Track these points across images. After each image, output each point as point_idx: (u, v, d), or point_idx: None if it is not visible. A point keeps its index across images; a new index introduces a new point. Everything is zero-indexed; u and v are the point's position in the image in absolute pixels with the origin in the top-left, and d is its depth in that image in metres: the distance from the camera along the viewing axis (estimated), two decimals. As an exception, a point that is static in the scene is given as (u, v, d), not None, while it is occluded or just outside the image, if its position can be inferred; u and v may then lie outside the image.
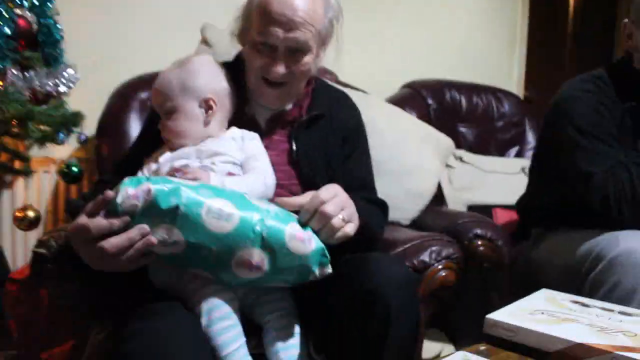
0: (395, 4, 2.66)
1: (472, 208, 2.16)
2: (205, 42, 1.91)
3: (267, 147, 1.25)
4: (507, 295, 1.61)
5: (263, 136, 1.29)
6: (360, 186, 1.37)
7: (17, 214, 1.72)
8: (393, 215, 1.73)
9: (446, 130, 2.25)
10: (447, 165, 2.21)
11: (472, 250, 1.60)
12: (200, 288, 1.06)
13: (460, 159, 2.28)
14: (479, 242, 1.61)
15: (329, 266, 1.05)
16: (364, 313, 1.06)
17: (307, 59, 1.26)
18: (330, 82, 1.56)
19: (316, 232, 1.05)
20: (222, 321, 1.04)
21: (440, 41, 2.80)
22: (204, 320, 1.03)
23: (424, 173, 1.86)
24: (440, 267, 1.40)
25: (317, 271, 1.04)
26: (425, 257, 1.40)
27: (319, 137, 1.34)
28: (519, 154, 2.52)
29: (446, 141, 2.05)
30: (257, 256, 1.00)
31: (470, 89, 2.54)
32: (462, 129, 2.46)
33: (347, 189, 1.28)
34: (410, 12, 2.71)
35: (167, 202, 0.96)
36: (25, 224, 1.70)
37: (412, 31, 2.72)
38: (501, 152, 2.51)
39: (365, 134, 1.46)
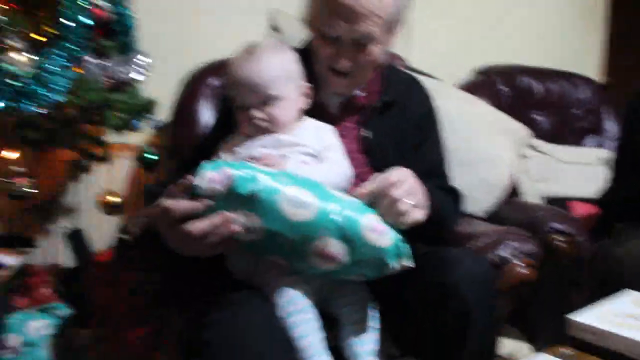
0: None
1: (547, 200, 2.08)
2: (273, 28, 1.90)
3: (338, 134, 1.23)
4: (586, 292, 1.55)
5: (333, 123, 1.28)
6: (433, 173, 1.34)
7: (102, 199, 1.76)
8: (468, 206, 1.69)
9: (519, 118, 2.17)
10: (523, 156, 2.13)
11: (550, 246, 1.54)
12: (278, 279, 1.06)
13: (535, 148, 2.20)
14: (558, 237, 1.55)
15: (408, 259, 1.03)
16: (441, 308, 1.04)
17: (374, 49, 1.23)
18: (400, 68, 1.52)
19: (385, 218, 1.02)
20: (299, 314, 1.03)
21: (514, 23, 2.67)
22: (281, 312, 1.03)
23: (498, 163, 1.80)
24: (519, 263, 1.35)
25: (394, 264, 1.02)
26: (503, 252, 1.36)
27: (390, 124, 1.32)
28: (597, 144, 2.40)
29: (522, 130, 1.97)
30: (334, 246, 0.99)
31: (545, 74, 2.43)
32: (536, 117, 2.36)
33: (419, 176, 1.26)
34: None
35: (245, 188, 0.97)
36: (108, 208, 1.75)
37: (485, 13, 2.61)
38: (577, 141, 2.39)
39: (437, 120, 1.43)
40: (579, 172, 2.18)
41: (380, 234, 1.00)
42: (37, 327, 1.53)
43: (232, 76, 1.16)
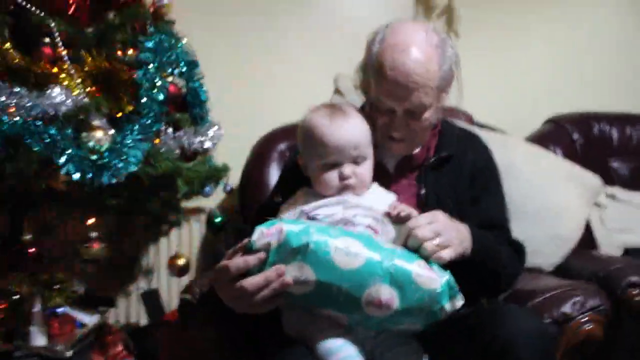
0: (532, 35, 2.55)
1: (629, 252, 1.96)
2: (338, 91, 1.98)
3: (396, 192, 1.25)
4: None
5: (392, 181, 1.31)
6: (492, 226, 1.33)
7: (170, 261, 1.87)
8: (534, 260, 1.64)
9: (596, 166, 2.09)
10: (598, 205, 2.03)
11: (626, 301, 1.45)
12: (330, 336, 1.08)
13: (613, 197, 2.09)
14: (635, 292, 1.45)
15: (460, 297, 1.05)
16: None
17: (427, 115, 1.25)
18: (458, 122, 1.53)
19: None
20: None
21: (584, 68, 2.61)
22: None
23: (567, 215, 1.74)
24: (584, 319, 1.28)
25: (447, 306, 1.03)
26: (566, 308, 1.29)
27: (447, 179, 1.33)
28: (684, 189, 2.25)
29: (592, 179, 1.90)
30: (387, 292, 1.01)
31: (622, 120, 2.34)
32: (615, 164, 2.27)
33: (479, 228, 1.25)
34: (548, 40, 2.56)
35: (298, 241, 1.02)
36: (176, 270, 1.85)
37: (552, 60, 2.57)
38: (662, 187, 2.26)
39: (496, 173, 1.42)
40: (665, 220, 2.05)
41: (430, 278, 1.02)
42: (111, 383, 1.63)
43: (318, 137, 1.16)
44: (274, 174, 1.91)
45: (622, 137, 2.31)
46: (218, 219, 1.86)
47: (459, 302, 1.05)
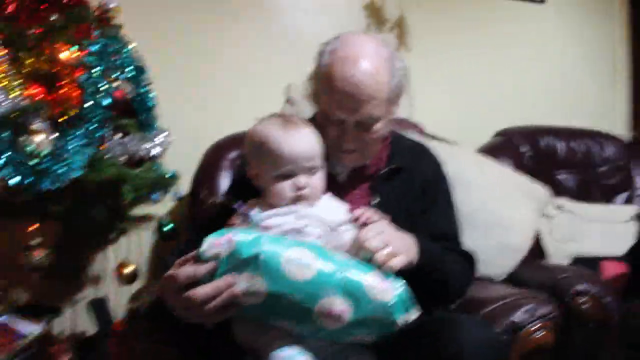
0: (483, 49, 2.60)
1: (577, 260, 2.00)
2: (289, 101, 1.96)
3: (347, 201, 1.24)
4: (619, 356, 1.47)
5: (343, 192, 1.30)
6: (442, 238, 1.34)
7: (118, 269, 1.81)
8: (485, 270, 1.65)
9: (543, 178, 2.14)
10: (546, 215, 2.08)
11: (575, 309, 1.47)
12: (280, 347, 1.04)
13: (561, 208, 2.14)
14: (583, 300, 1.48)
15: (414, 310, 1.04)
16: None
17: (378, 126, 1.26)
18: (409, 133, 1.54)
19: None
20: None
21: (533, 84, 2.69)
22: None
23: (517, 225, 1.76)
24: (534, 327, 1.30)
25: (401, 318, 1.02)
26: (517, 317, 1.30)
27: (399, 190, 1.34)
28: (629, 200, 2.33)
29: (541, 190, 1.94)
30: (339, 304, 1.00)
31: (568, 134, 2.41)
32: (561, 176, 2.33)
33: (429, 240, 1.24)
34: (500, 55, 2.63)
35: (248, 251, 0.99)
36: (124, 278, 1.79)
37: (503, 76, 2.64)
38: (607, 198, 2.34)
39: (447, 185, 1.43)
40: (609, 230, 2.11)
41: (384, 290, 1.01)
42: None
43: (273, 148, 1.14)
44: (224, 182, 1.88)
45: (567, 150, 2.38)
46: (168, 227, 1.81)
47: (413, 314, 1.04)
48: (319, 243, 1.08)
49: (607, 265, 2.00)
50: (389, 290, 1.01)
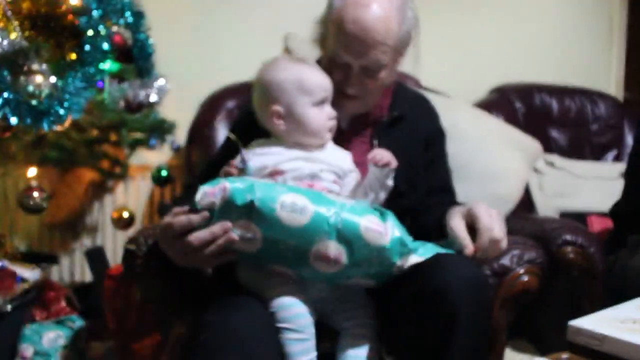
0: (483, 4, 2.59)
1: (565, 215, 2.05)
2: (287, 50, 1.96)
3: (348, 148, 1.26)
4: (602, 305, 1.52)
5: (344, 139, 1.31)
6: (443, 190, 1.39)
7: (114, 214, 1.85)
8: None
9: (536, 135, 2.17)
10: (537, 171, 2.11)
11: (561, 257, 1.51)
12: (279, 289, 1.08)
13: (552, 164, 2.18)
14: (569, 249, 1.52)
15: (415, 255, 1.05)
16: (430, 313, 1.05)
17: (382, 74, 1.27)
18: (409, 86, 1.55)
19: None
20: (295, 333, 1.05)
21: (531, 41, 2.68)
22: (279, 324, 1.05)
23: (508, 177, 1.79)
24: (521, 271, 1.34)
25: (398, 262, 1.03)
26: (505, 260, 1.34)
27: (400, 138, 1.35)
28: (618, 158, 2.37)
29: (533, 144, 1.96)
30: (334, 249, 1.01)
31: (562, 92, 2.42)
32: (554, 134, 2.35)
33: (430, 192, 1.31)
34: (498, 11, 2.62)
35: (242, 198, 1.00)
36: (121, 224, 1.82)
37: (501, 32, 2.63)
38: (597, 156, 2.37)
39: (445, 138, 1.46)
40: (598, 187, 2.15)
41: (380, 233, 1.01)
42: (51, 338, 1.59)
43: (306, 78, 1.17)
44: (222, 132, 1.89)
45: (561, 107, 2.39)
46: (163, 174, 1.83)
47: (413, 259, 1.05)
48: (316, 189, 1.09)
49: (594, 220, 2.05)
50: (384, 234, 1.02)
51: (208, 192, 1.02)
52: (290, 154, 1.16)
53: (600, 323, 1.04)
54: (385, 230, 1.02)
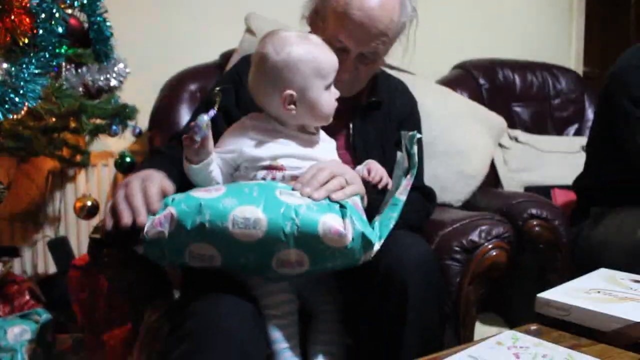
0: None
1: (529, 189, 2.08)
2: (249, 31, 1.92)
3: (325, 131, 1.24)
4: (567, 277, 1.55)
5: None
6: None
7: (77, 203, 1.80)
8: (443, 197, 1.71)
9: (500, 110, 2.18)
10: (502, 146, 2.14)
11: (527, 231, 1.54)
12: (262, 285, 1.08)
13: (516, 139, 2.21)
14: (535, 222, 1.55)
15: (374, 246, 1.03)
16: (382, 292, 1.06)
17: (376, 63, 1.29)
18: (389, 71, 1.55)
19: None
20: (278, 319, 1.06)
21: (492, 19, 2.70)
22: (263, 311, 1.06)
23: (474, 153, 1.81)
24: (490, 246, 1.36)
25: (362, 257, 1.02)
26: (474, 236, 1.36)
27: (375, 123, 1.37)
28: (579, 132, 2.42)
29: (498, 120, 1.98)
30: (295, 255, 0.99)
31: (524, 67, 2.45)
32: (517, 109, 2.38)
33: None
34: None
35: (192, 222, 0.96)
36: (84, 213, 1.78)
37: (462, 10, 2.64)
38: (559, 131, 2.41)
39: (419, 123, 1.47)
40: (561, 160, 2.19)
41: (339, 234, 0.97)
42: (16, 333, 1.54)
43: (320, 60, 1.10)
44: (184, 116, 1.85)
45: (523, 83, 2.42)
46: (127, 160, 1.79)
47: (375, 249, 1.02)
48: (271, 185, 1.03)
49: (558, 193, 2.09)
50: (346, 233, 0.97)
51: (155, 223, 0.97)
52: (286, 149, 1.11)
53: (567, 294, 1.07)
54: (345, 227, 0.97)
